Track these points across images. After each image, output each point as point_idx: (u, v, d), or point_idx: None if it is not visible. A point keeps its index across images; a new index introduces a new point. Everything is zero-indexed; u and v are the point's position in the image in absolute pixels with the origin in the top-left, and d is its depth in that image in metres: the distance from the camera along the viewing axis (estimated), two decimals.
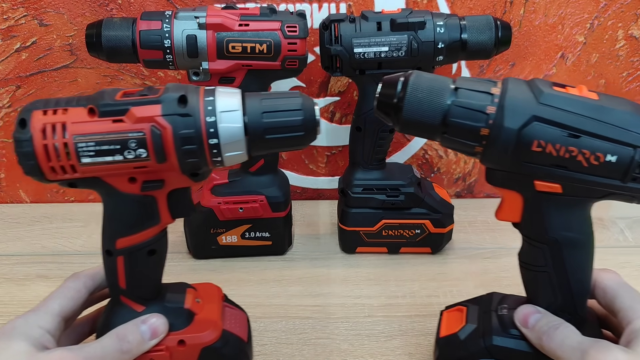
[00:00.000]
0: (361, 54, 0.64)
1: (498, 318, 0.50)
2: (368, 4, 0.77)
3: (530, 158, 0.41)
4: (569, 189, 0.42)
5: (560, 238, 0.44)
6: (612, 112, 0.40)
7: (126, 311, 0.48)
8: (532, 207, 0.44)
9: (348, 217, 0.72)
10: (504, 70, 0.81)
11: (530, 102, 0.40)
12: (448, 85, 0.42)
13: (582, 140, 0.40)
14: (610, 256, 0.73)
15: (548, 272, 0.45)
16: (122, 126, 0.41)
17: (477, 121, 0.41)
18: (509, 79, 0.42)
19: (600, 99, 0.41)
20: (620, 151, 0.39)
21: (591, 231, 0.45)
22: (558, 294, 0.46)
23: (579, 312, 0.47)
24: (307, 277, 0.70)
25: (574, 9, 0.78)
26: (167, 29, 0.61)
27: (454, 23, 0.64)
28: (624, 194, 0.41)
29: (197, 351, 0.50)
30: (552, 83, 0.42)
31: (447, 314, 0.55)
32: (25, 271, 0.71)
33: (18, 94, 0.81)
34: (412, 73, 0.43)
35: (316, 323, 0.62)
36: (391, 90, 0.43)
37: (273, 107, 0.43)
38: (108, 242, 0.46)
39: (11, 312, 0.63)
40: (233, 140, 0.42)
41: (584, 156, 0.40)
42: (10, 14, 0.76)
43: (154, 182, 0.43)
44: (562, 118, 0.40)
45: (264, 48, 0.62)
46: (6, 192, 0.88)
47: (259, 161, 0.70)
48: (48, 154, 0.41)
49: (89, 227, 0.81)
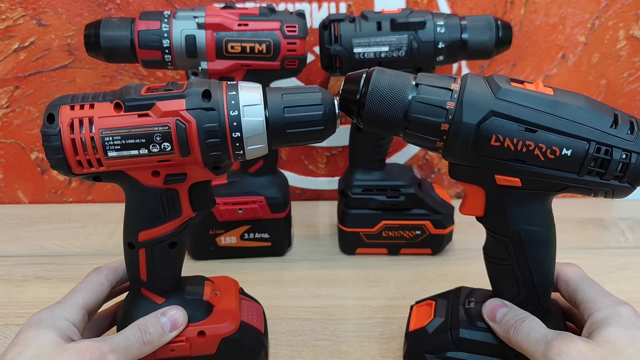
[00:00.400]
0: (361, 54, 0.64)
1: (465, 311, 0.51)
2: (368, 4, 0.77)
3: (490, 152, 0.42)
4: (528, 183, 0.43)
5: (522, 231, 0.45)
6: (567, 107, 0.41)
7: (147, 303, 0.49)
8: (494, 201, 0.45)
9: (348, 218, 0.72)
10: (504, 70, 0.81)
11: (488, 98, 0.41)
12: (409, 82, 0.43)
13: (538, 134, 0.40)
14: (611, 257, 0.72)
15: (511, 265, 0.47)
16: (147, 120, 0.42)
17: (437, 117, 0.42)
18: (468, 75, 0.43)
19: (555, 94, 0.41)
20: (575, 145, 0.40)
21: (552, 224, 0.46)
22: (521, 287, 0.47)
23: (543, 304, 0.48)
24: (307, 278, 0.70)
25: (574, 9, 0.77)
26: (166, 29, 0.61)
27: (454, 23, 0.64)
28: (581, 187, 0.42)
29: (216, 342, 0.51)
30: (510, 79, 0.43)
31: (416, 309, 0.56)
32: (23, 272, 0.71)
33: (16, 94, 0.81)
34: (374, 69, 0.44)
35: (316, 324, 0.61)
36: (354, 87, 0.44)
37: (294, 102, 0.44)
38: (130, 235, 0.47)
39: (9, 313, 0.63)
40: (255, 134, 0.43)
41: (540, 150, 0.41)
42: (8, 14, 0.76)
43: (176, 176, 0.44)
44: (519, 113, 0.40)
45: (263, 48, 0.62)
46: (4, 193, 0.87)
47: (258, 161, 0.69)
48: (75, 147, 0.42)
49: (87, 228, 0.81)
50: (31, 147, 0.84)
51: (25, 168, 0.86)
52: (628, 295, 0.65)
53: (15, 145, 0.84)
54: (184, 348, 0.50)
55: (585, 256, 0.73)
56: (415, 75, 0.44)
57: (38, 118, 0.82)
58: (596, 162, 0.41)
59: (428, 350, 0.51)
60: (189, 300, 0.51)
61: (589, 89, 0.82)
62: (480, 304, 0.50)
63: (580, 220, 0.82)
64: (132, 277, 0.50)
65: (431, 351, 0.51)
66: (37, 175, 0.86)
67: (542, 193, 0.44)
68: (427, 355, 0.51)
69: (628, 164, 0.40)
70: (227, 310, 0.52)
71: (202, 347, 0.50)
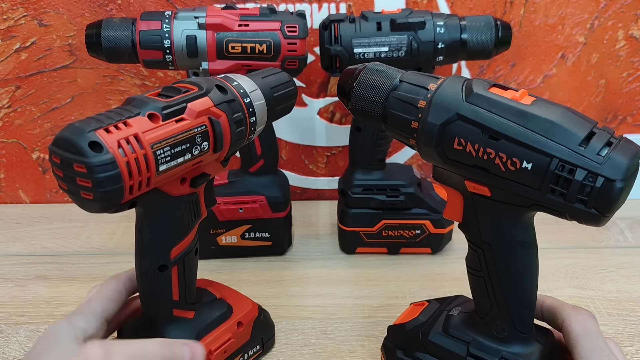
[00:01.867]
0: (361, 54, 0.64)
1: (446, 317, 0.51)
2: (368, 4, 0.77)
3: (454, 155, 0.41)
4: (497, 194, 0.41)
5: (493, 244, 0.44)
6: (536, 119, 0.38)
7: (181, 323, 0.49)
8: (469, 208, 0.44)
9: (348, 217, 0.72)
10: (504, 71, 0.81)
11: (457, 100, 0.40)
12: (395, 78, 0.44)
13: (500, 143, 0.39)
14: (610, 256, 0.73)
15: (483, 278, 0.45)
16: (186, 124, 0.41)
17: (409, 114, 0.43)
18: (451, 77, 0.43)
19: (532, 104, 0.39)
20: (536, 159, 0.38)
21: (530, 244, 0.44)
22: (493, 303, 0.45)
23: (518, 328, 0.45)
24: (307, 277, 0.70)
25: (574, 9, 0.77)
26: (167, 29, 0.61)
27: (454, 23, 0.64)
28: (547, 206, 0.39)
29: (250, 327, 0.54)
30: (493, 84, 0.41)
31: (412, 306, 0.57)
32: (24, 271, 0.71)
33: (18, 94, 0.81)
34: (367, 65, 0.46)
35: (316, 323, 0.62)
36: (346, 79, 0.47)
37: (275, 82, 0.50)
38: (162, 258, 0.46)
39: (11, 312, 0.63)
40: (261, 116, 0.48)
41: (501, 160, 0.39)
42: (9, 14, 0.76)
43: (200, 177, 0.45)
44: (484, 119, 0.39)
45: (264, 48, 0.62)
46: (6, 193, 0.88)
47: (258, 161, 0.70)
48: (131, 171, 0.37)
49: (88, 228, 0.81)
50: (32, 147, 0.84)
51: (27, 168, 0.86)
52: (627, 294, 0.65)
53: (16, 145, 0.84)
54: (232, 344, 0.51)
55: (584, 255, 0.73)
56: (403, 72, 0.45)
57: (39, 118, 0.83)
58: (558, 181, 0.37)
59: (399, 346, 0.51)
60: (212, 303, 0.53)
61: (588, 89, 0.82)
62: (464, 313, 0.50)
63: None
64: (163, 303, 0.47)
65: (402, 347, 0.51)
66: (39, 175, 0.86)
67: (513, 207, 0.41)
68: (397, 351, 0.51)
69: (592, 187, 0.36)
70: (240, 299, 0.55)
71: (242, 336, 0.53)
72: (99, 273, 0.70)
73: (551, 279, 0.68)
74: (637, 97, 0.83)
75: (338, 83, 0.48)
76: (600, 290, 0.66)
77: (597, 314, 0.62)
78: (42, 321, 0.62)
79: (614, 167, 0.36)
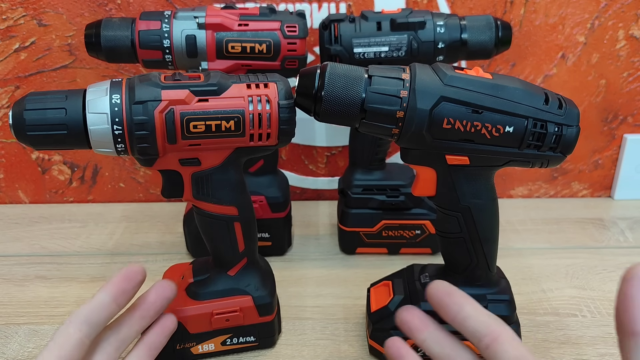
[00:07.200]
0: (361, 54, 0.64)
1: (422, 286, 0.54)
2: (368, 4, 0.77)
3: (442, 135, 0.45)
4: (475, 160, 0.47)
5: (471, 205, 0.49)
6: (506, 89, 0.44)
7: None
8: (444, 180, 0.49)
9: (348, 217, 0.72)
10: (504, 70, 0.81)
11: (437, 84, 0.44)
12: (362, 74, 0.46)
13: (484, 115, 0.44)
14: (610, 257, 0.73)
15: (463, 238, 0.50)
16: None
17: (392, 105, 0.45)
18: (415, 65, 0.46)
19: (494, 78, 0.45)
20: (516, 122, 0.44)
21: (495, 197, 0.50)
22: (473, 256, 0.51)
23: (491, 269, 0.52)
24: (307, 277, 0.70)
25: (574, 9, 0.77)
26: (167, 29, 0.61)
27: (454, 23, 0.64)
28: (521, 160, 0.47)
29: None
30: (452, 66, 0.46)
31: (374, 290, 0.58)
32: (24, 272, 0.71)
33: (17, 94, 0.81)
34: (327, 64, 0.46)
35: (316, 324, 0.62)
36: (310, 82, 0.46)
37: None
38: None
39: (10, 312, 0.63)
40: None
41: (487, 129, 0.45)
42: (9, 14, 0.76)
43: None
44: (466, 97, 0.44)
45: (264, 48, 0.62)
46: (5, 193, 0.87)
47: (258, 161, 0.70)
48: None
49: (87, 228, 0.81)
50: None
51: (26, 168, 0.86)
52: None
53: (16, 145, 0.84)
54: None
55: (585, 256, 0.73)
56: (367, 68, 0.46)
57: None
58: (534, 136, 0.45)
59: (393, 327, 0.51)
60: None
61: (589, 89, 0.82)
62: (434, 277, 0.53)
63: (580, 220, 0.82)
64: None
65: (396, 327, 0.50)
66: (38, 175, 0.86)
67: (487, 168, 0.48)
68: (393, 332, 0.51)
69: (560, 135, 0.45)
70: None
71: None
72: (98, 273, 0.70)
73: (551, 279, 0.68)
74: (638, 97, 0.83)
75: (301, 89, 0.47)
76: (600, 290, 0.66)
77: (597, 314, 0.62)
78: (41, 321, 0.62)
79: (571, 116, 0.45)
